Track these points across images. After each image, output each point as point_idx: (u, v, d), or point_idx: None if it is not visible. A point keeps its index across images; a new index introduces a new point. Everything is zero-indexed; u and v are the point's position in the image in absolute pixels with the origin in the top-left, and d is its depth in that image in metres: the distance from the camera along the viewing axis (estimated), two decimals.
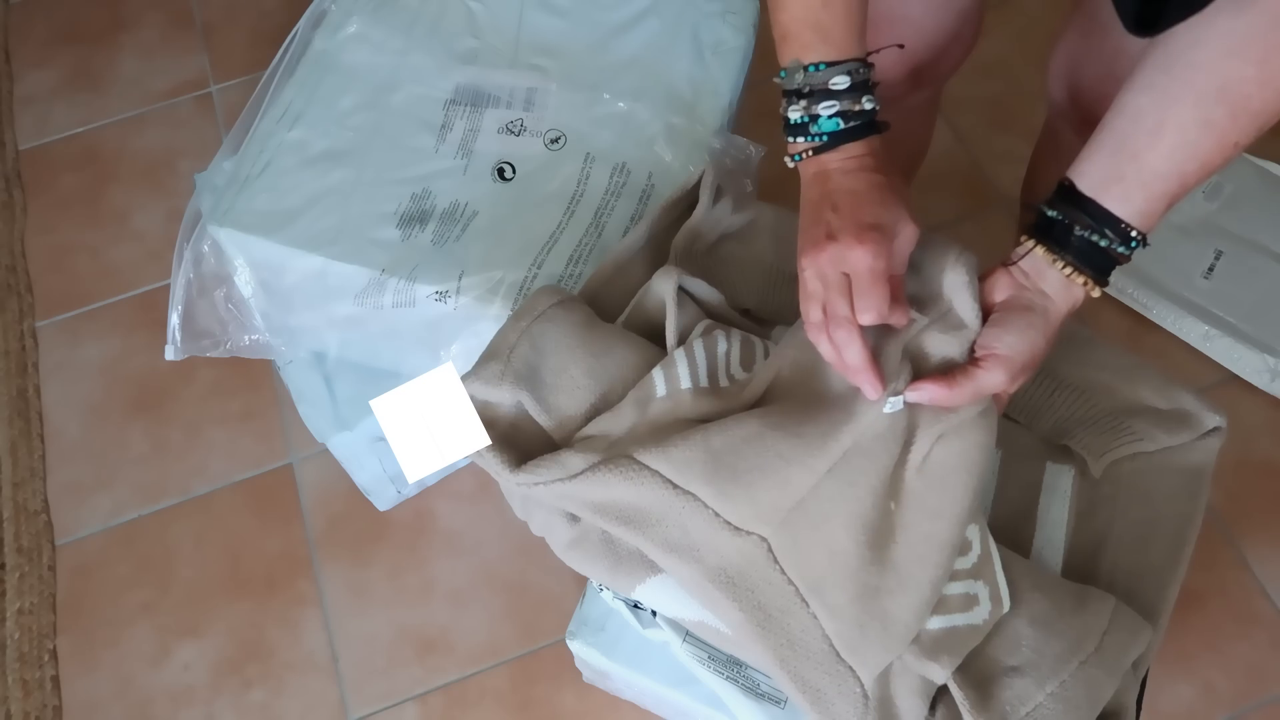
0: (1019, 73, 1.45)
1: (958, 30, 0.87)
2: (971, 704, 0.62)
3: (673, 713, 0.91)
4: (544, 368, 0.69)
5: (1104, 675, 0.64)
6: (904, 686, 0.64)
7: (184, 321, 0.95)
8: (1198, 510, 0.75)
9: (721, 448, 0.64)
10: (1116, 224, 0.61)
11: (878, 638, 0.63)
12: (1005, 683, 0.63)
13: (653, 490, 0.64)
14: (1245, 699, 1.04)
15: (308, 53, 1.01)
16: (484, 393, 0.69)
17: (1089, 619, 0.66)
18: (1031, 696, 0.62)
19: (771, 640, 0.64)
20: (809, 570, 0.63)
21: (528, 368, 0.69)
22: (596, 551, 0.70)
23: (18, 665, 1.10)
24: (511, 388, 0.68)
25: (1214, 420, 0.76)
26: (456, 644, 1.09)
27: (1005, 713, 0.62)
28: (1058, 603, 0.67)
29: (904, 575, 0.63)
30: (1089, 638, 0.65)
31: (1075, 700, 0.62)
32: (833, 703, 0.63)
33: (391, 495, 1.15)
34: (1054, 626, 0.65)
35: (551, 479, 0.65)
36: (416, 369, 0.92)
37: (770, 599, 0.64)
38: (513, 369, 0.69)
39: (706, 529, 0.64)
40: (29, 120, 1.51)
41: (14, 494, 1.20)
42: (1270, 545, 1.11)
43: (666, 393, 0.68)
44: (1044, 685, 0.63)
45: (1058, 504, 0.76)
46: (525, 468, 0.66)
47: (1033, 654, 0.64)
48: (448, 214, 0.92)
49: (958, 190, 1.37)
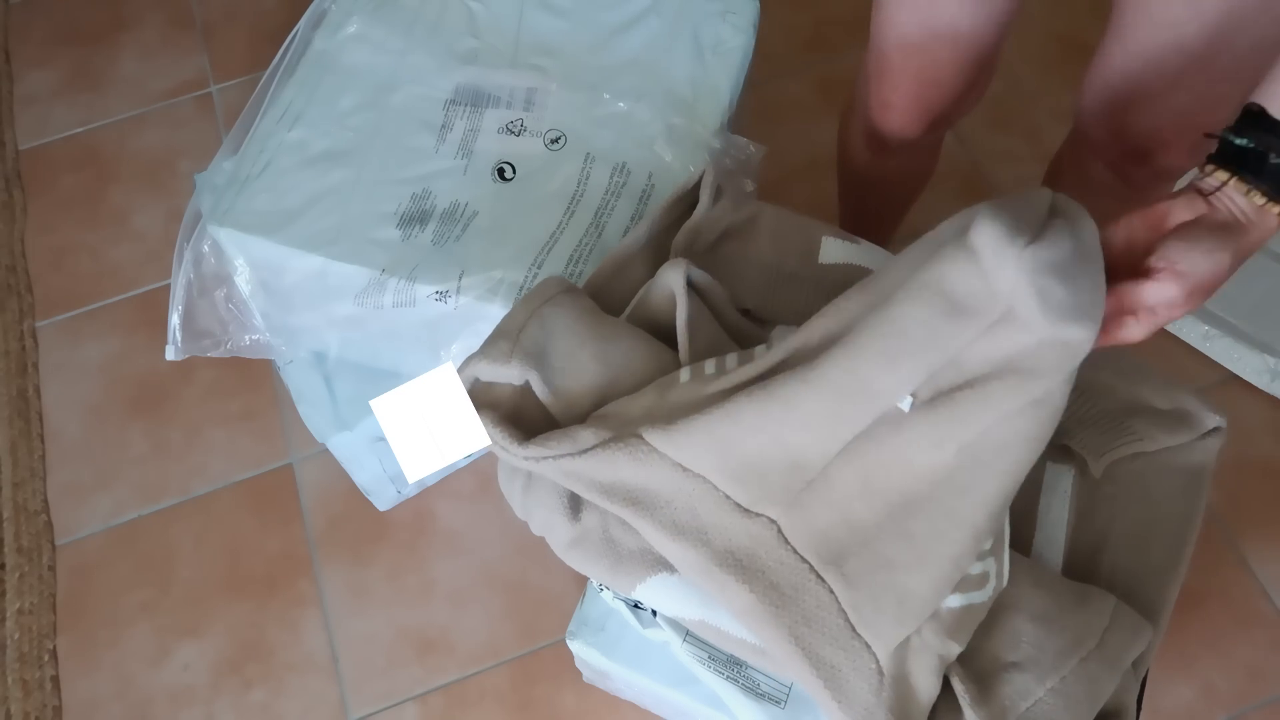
0: (1019, 73, 1.46)
1: (976, 79, 0.88)
2: (972, 698, 0.62)
3: (673, 713, 0.91)
4: (553, 350, 0.69)
5: (1105, 672, 0.64)
6: (921, 664, 0.63)
7: (184, 321, 0.95)
8: (1198, 510, 0.75)
9: (732, 430, 0.63)
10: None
11: (893, 611, 0.62)
12: (1005, 678, 0.63)
13: (662, 471, 0.63)
14: (1245, 699, 1.04)
15: (308, 53, 1.01)
16: (490, 372, 0.68)
17: (1090, 616, 0.66)
18: (1032, 692, 0.62)
19: (786, 618, 0.63)
20: (824, 546, 0.63)
21: (536, 348, 0.68)
22: (596, 551, 0.70)
23: (18, 665, 1.10)
24: (520, 366, 0.68)
25: (1214, 420, 0.76)
26: (456, 644, 1.09)
27: (1005, 707, 0.62)
28: (1059, 600, 0.67)
29: (923, 550, 0.62)
30: (1090, 635, 0.65)
31: (1075, 696, 0.62)
32: (848, 680, 0.63)
33: (391, 495, 1.15)
34: (1055, 623, 0.65)
35: (560, 453, 0.64)
36: (416, 369, 0.92)
37: (783, 578, 0.63)
38: (521, 348, 0.68)
39: (716, 511, 0.63)
40: (29, 120, 1.51)
41: (14, 494, 1.20)
42: (1270, 545, 1.11)
43: (690, 377, 0.67)
44: (1044, 680, 0.63)
45: (1058, 504, 0.76)
46: (535, 441, 0.65)
47: (1033, 650, 0.64)
48: (448, 214, 0.92)
49: (958, 190, 1.37)
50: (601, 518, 0.70)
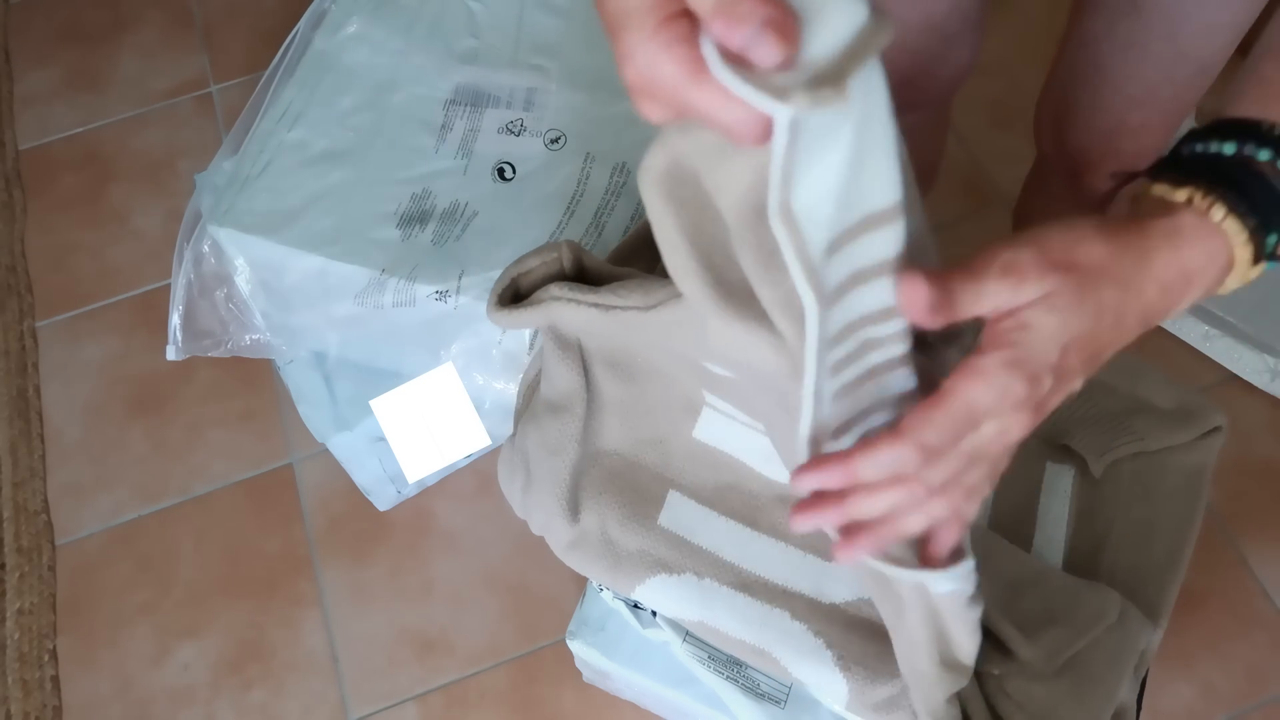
0: (1019, 73, 1.45)
1: (943, 53, 0.83)
2: (1020, 641, 0.63)
3: (673, 713, 0.91)
4: (587, 262, 0.68)
5: (1126, 642, 0.65)
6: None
7: (185, 321, 0.95)
8: (1198, 510, 0.75)
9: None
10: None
11: None
12: (1048, 631, 0.65)
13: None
14: (1245, 699, 1.04)
15: (308, 53, 1.01)
16: (528, 262, 0.67)
17: (1105, 595, 0.68)
18: (1073, 643, 0.64)
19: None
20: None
21: (574, 256, 0.67)
22: (596, 551, 0.70)
23: (18, 665, 1.10)
24: (566, 248, 0.65)
25: (1214, 420, 0.76)
26: (456, 644, 1.09)
27: (1052, 650, 0.64)
28: (1073, 581, 0.69)
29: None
30: (1111, 608, 0.67)
31: (1115, 649, 0.65)
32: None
33: (391, 495, 1.15)
34: (1078, 596, 0.67)
35: (629, 305, 0.62)
36: (416, 369, 0.92)
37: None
38: (562, 244, 0.67)
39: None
40: (29, 120, 1.51)
41: (14, 494, 1.20)
42: (1270, 545, 1.11)
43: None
44: (1083, 635, 0.65)
45: (1058, 504, 0.76)
46: (610, 287, 0.62)
47: (1066, 613, 0.66)
48: (448, 214, 0.92)
49: (958, 190, 1.37)
50: (600, 519, 0.70)
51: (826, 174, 0.37)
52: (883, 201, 0.40)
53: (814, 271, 0.38)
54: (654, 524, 0.70)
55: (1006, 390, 0.40)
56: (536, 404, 0.73)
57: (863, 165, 0.38)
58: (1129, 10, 0.72)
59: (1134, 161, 0.83)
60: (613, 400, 0.72)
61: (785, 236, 0.37)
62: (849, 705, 0.67)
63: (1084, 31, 0.78)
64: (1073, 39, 0.80)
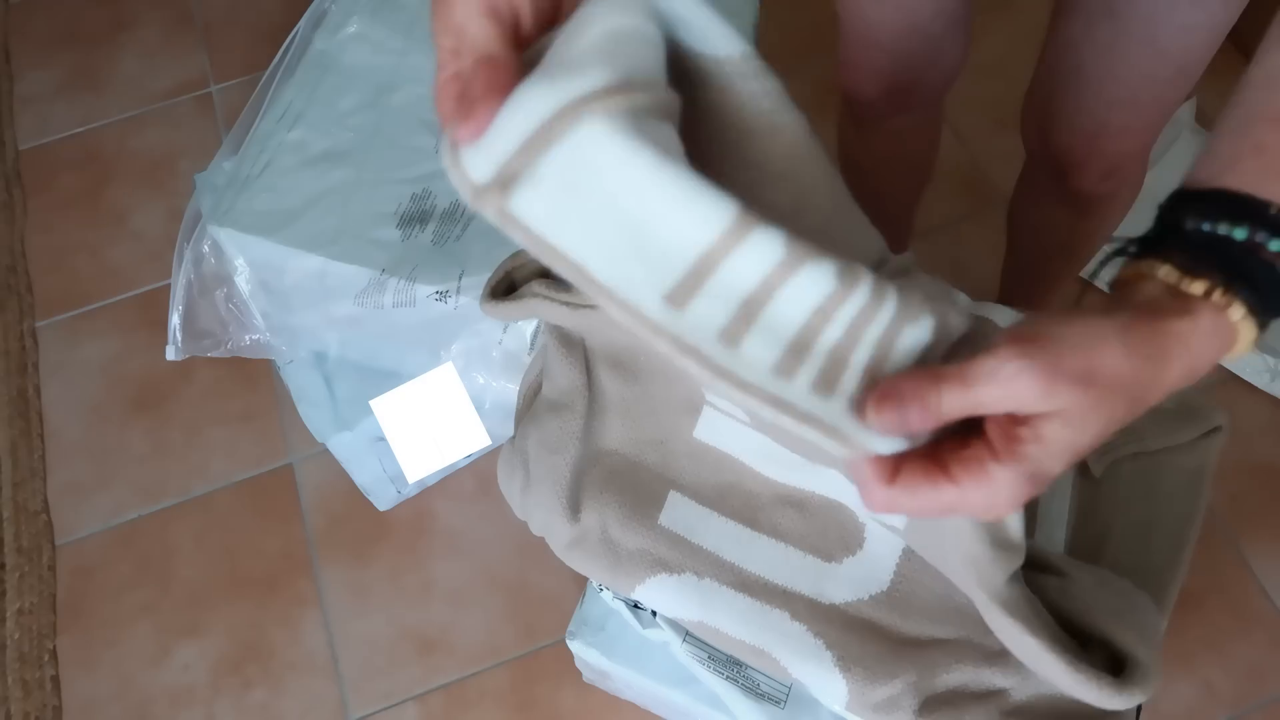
0: (1018, 73, 1.45)
1: (930, 56, 0.85)
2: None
3: (673, 713, 0.91)
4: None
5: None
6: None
7: (185, 321, 0.95)
8: (1198, 510, 0.75)
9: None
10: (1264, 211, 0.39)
11: None
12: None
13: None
14: (1245, 699, 1.04)
15: (308, 53, 1.01)
16: (523, 256, 0.66)
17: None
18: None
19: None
20: None
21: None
22: (596, 551, 0.70)
23: (18, 665, 1.10)
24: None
25: (1215, 420, 0.76)
26: (456, 644, 1.09)
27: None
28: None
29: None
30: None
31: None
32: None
33: (391, 495, 1.15)
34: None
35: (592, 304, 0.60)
36: (416, 369, 0.92)
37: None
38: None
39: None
40: (29, 120, 1.51)
41: (14, 494, 1.20)
42: (1270, 545, 1.11)
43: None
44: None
45: (1058, 503, 0.76)
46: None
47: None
48: (448, 214, 0.92)
49: (958, 190, 1.37)
50: (601, 518, 0.70)
51: (597, 239, 0.39)
52: (713, 230, 0.38)
53: (661, 330, 0.39)
54: (654, 524, 0.70)
55: (1011, 497, 0.40)
56: (538, 405, 0.73)
57: (647, 215, 0.38)
58: (1106, 13, 0.72)
59: (1118, 161, 0.83)
60: (615, 400, 0.72)
61: (616, 314, 0.39)
62: (849, 706, 0.67)
63: (1064, 35, 0.78)
64: (1053, 42, 0.80)
